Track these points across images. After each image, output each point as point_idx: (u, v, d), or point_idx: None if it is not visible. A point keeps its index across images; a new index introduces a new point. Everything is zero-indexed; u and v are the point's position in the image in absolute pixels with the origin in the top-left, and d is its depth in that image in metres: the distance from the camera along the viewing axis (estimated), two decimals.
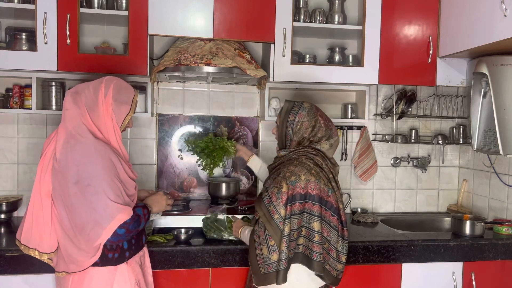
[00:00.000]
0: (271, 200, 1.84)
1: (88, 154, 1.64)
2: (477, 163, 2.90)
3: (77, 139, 1.67)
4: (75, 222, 1.63)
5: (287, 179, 1.85)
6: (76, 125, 1.70)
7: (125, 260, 1.75)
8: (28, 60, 2.26)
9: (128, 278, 1.74)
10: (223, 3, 2.40)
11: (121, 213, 1.62)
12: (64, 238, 1.68)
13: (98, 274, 1.68)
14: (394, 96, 2.91)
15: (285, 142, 2.01)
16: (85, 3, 2.38)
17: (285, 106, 2.04)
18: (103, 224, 1.60)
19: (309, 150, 1.95)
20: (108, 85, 1.76)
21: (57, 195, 1.67)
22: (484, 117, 2.38)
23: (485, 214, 2.79)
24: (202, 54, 2.35)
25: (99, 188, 1.61)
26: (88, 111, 1.72)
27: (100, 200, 1.60)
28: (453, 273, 2.36)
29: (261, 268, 1.84)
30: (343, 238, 1.91)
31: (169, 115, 2.77)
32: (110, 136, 1.74)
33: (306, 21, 2.60)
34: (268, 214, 1.84)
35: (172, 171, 2.78)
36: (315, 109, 2.02)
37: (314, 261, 1.86)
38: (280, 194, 1.83)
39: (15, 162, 2.62)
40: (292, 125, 1.98)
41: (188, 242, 2.18)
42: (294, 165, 1.89)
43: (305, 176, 1.85)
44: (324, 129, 2.00)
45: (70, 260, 1.67)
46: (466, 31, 2.34)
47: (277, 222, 1.81)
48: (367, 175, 2.90)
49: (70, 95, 1.75)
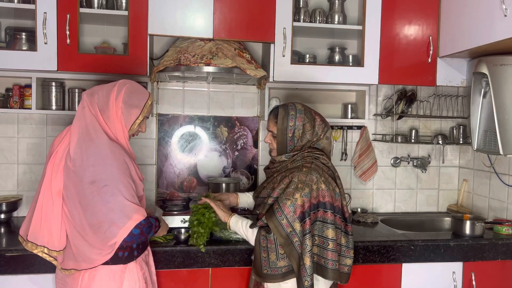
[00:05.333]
0: (283, 212, 1.81)
1: (103, 155, 1.68)
2: (477, 163, 2.90)
3: (91, 139, 1.70)
4: (90, 221, 1.65)
5: (301, 190, 1.82)
6: (91, 124, 1.74)
7: (134, 258, 1.78)
8: (28, 60, 2.26)
9: (137, 276, 1.79)
10: (223, 3, 2.40)
11: (136, 214, 1.66)
12: (75, 236, 1.69)
13: (109, 272, 1.71)
14: (394, 96, 2.91)
15: (288, 148, 1.97)
16: (85, 3, 2.38)
17: (281, 113, 1.97)
18: (120, 224, 1.63)
19: (313, 151, 1.94)
20: (120, 89, 1.79)
21: (70, 194, 1.69)
22: (484, 117, 2.38)
23: (485, 214, 2.79)
24: (202, 54, 2.35)
25: (115, 188, 1.64)
26: (100, 112, 1.76)
27: (117, 201, 1.64)
28: (453, 273, 2.36)
29: (263, 269, 1.84)
30: (347, 233, 1.91)
31: (169, 115, 2.77)
32: (119, 137, 1.78)
33: (306, 21, 2.59)
34: (281, 228, 1.81)
35: (172, 171, 2.78)
36: (309, 109, 2.01)
37: (329, 270, 1.85)
38: (294, 206, 1.80)
39: (15, 162, 2.62)
40: (294, 130, 1.94)
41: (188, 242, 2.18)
42: (304, 173, 1.85)
43: (316, 185, 1.84)
44: (323, 125, 1.99)
45: (81, 258, 1.69)
46: (466, 31, 2.34)
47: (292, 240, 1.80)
48: (367, 175, 2.90)
49: (87, 95, 1.80)
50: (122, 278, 1.74)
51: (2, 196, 2.58)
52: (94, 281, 1.70)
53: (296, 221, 1.79)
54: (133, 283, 1.76)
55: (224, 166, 2.85)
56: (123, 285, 1.73)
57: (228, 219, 1.98)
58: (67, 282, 1.76)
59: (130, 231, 1.65)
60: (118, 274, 1.73)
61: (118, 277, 1.73)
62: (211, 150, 2.83)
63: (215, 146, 2.83)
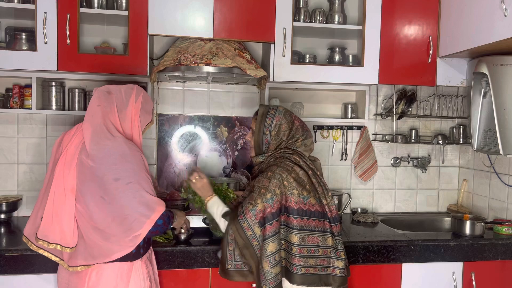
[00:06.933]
0: (244, 216, 1.82)
1: (123, 153, 1.73)
2: (477, 163, 2.90)
3: (107, 136, 1.74)
4: (113, 215, 1.69)
5: (263, 196, 1.82)
6: (105, 121, 1.78)
7: (140, 256, 1.82)
8: (28, 60, 2.26)
9: (143, 274, 1.81)
10: (223, 3, 2.40)
11: (159, 206, 1.75)
12: (90, 231, 1.71)
13: (116, 270, 1.73)
14: (394, 96, 2.91)
15: (263, 146, 2.00)
16: (85, 3, 2.38)
17: (261, 110, 2.03)
18: (146, 216, 1.70)
19: (285, 151, 1.96)
20: (138, 93, 1.91)
21: (88, 190, 1.71)
22: (484, 117, 2.38)
23: (485, 214, 2.79)
24: (202, 54, 2.35)
25: (138, 184, 1.72)
26: (117, 110, 1.82)
27: (142, 196, 1.71)
28: (453, 273, 2.36)
29: (227, 264, 1.86)
30: (332, 234, 1.88)
31: (169, 115, 2.77)
32: (135, 138, 1.87)
33: (306, 21, 2.60)
34: (242, 231, 1.81)
35: (172, 171, 2.78)
36: (290, 112, 2.04)
37: (295, 274, 1.83)
38: (255, 211, 1.81)
39: (15, 162, 2.62)
40: (270, 128, 1.97)
41: (188, 242, 2.19)
42: (268, 178, 1.85)
43: (280, 190, 1.83)
44: (301, 130, 2.01)
45: (98, 252, 1.70)
46: (466, 31, 2.34)
47: (252, 243, 1.81)
48: (367, 175, 2.90)
49: (103, 93, 1.84)
50: (129, 276, 1.76)
51: (2, 196, 2.58)
52: (102, 279, 1.72)
53: (256, 225, 1.80)
54: (139, 281, 1.79)
55: (224, 166, 2.85)
56: (130, 283, 1.76)
57: (207, 200, 1.98)
58: (71, 281, 1.76)
59: (155, 222, 1.71)
60: (125, 272, 1.75)
61: (125, 275, 1.75)
62: (211, 150, 2.83)
63: (215, 146, 2.83)
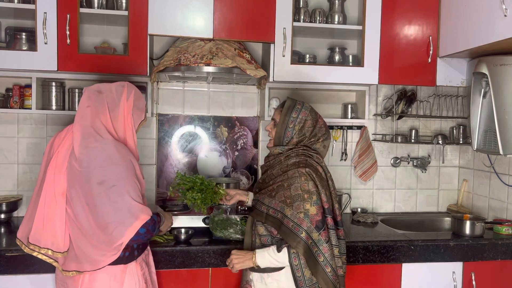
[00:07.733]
0: (300, 226, 1.77)
1: (110, 155, 1.67)
2: (477, 163, 2.90)
3: (96, 139, 1.69)
4: (97, 222, 1.64)
5: (310, 200, 1.80)
6: (95, 123, 1.72)
7: (134, 258, 1.78)
8: (28, 60, 2.26)
9: (137, 276, 1.78)
10: (223, 3, 2.40)
11: (143, 214, 1.66)
12: (79, 237, 1.68)
13: (110, 273, 1.71)
14: (394, 96, 2.91)
15: (284, 139, 1.96)
16: (85, 3, 2.38)
17: (287, 103, 2.00)
18: (127, 224, 1.63)
19: (308, 149, 1.95)
20: (130, 90, 1.84)
21: (76, 195, 1.67)
22: (484, 117, 2.38)
23: (485, 214, 2.79)
24: (202, 54, 2.35)
25: (123, 189, 1.64)
26: (109, 110, 1.76)
27: (125, 201, 1.63)
28: (453, 273, 2.36)
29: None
30: (338, 238, 1.88)
31: (169, 115, 2.77)
32: (128, 138, 1.80)
33: (306, 21, 2.59)
34: (307, 247, 1.78)
35: (172, 171, 2.78)
36: (315, 110, 2.03)
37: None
38: (309, 217, 1.78)
39: (15, 162, 2.62)
40: (295, 122, 1.95)
41: (188, 242, 2.19)
42: (305, 182, 1.82)
43: (317, 189, 1.83)
44: (324, 129, 2.01)
45: (85, 259, 1.67)
46: (466, 31, 2.34)
47: (312, 250, 1.78)
48: (367, 175, 2.90)
49: (93, 93, 1.78)
50: (123, 279, 1.73)
51: (2, 196, 2.58)
52: (95, 282, 1.69)
53: (314, 231, 1.77)
54: (133, 283, 1.76)
55: (224, 166, 2.85)
56: (124, 286, 1.73)
57: (254, 261, 1.87)
58: (67, 283, 1.75)
59: (137, 230, 1.64)
60: (119, 274, 1.72)
61: (119, 278, 1.72)
62: (211, 150, 2.83)
63: (215, 146, 2.83)
